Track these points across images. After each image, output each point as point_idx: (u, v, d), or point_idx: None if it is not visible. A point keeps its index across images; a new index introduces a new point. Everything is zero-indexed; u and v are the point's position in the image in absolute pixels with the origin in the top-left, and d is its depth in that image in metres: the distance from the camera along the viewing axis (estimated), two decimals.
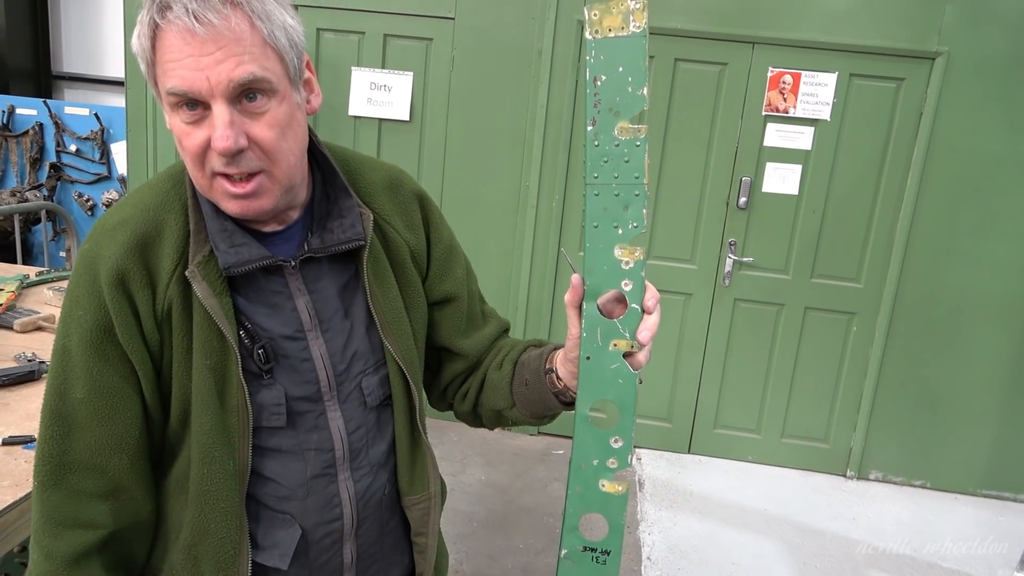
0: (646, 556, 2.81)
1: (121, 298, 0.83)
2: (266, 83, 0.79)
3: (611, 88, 0.80)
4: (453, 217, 4.01)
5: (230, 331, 0.84)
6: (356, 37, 3.50)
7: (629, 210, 0.82)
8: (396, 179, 1.02)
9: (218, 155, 0.78)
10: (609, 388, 0.85)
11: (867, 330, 3.45)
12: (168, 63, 0.77)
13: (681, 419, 3.67)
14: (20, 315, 2.00)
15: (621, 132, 0.81)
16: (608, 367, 0.84)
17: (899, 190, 3.31)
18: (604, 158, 0.81)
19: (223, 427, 0.86)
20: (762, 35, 3.25)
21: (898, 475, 3.56)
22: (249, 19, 0.77)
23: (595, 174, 0.82)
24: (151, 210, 0.86)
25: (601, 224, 0.82)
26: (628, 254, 0.82)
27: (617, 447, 0.86)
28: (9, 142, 4.53)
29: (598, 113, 0.81)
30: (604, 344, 0.84)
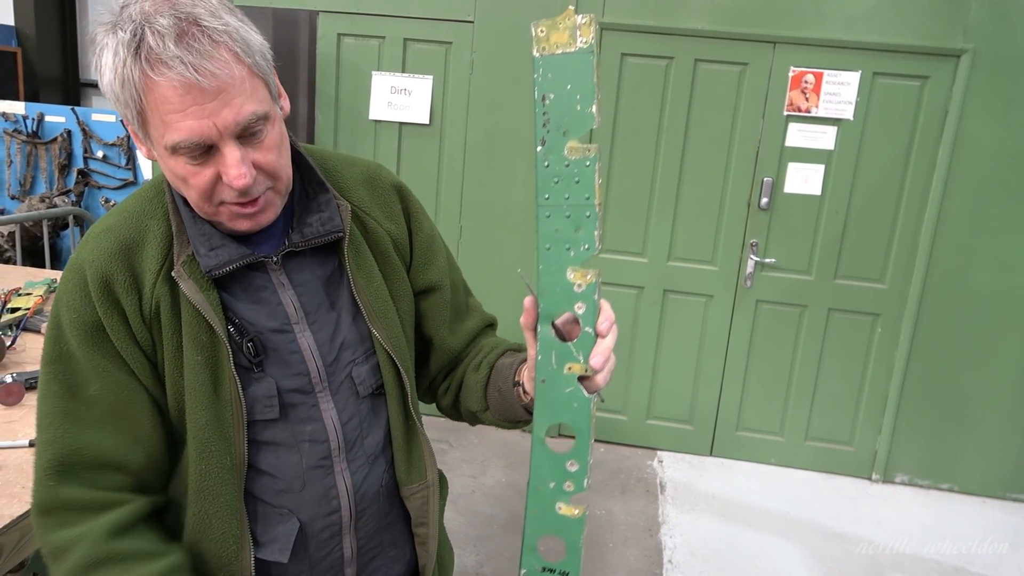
0: (667, 559, 2.80)
1: (108, 302, 0.84)
2: (263, 116, 0.82)
3: (560, 106, 0.78)
4: (472, 220, 4.05)
5: (219, 325, 0.85)
6: (376, 42, 3.53)
7: (580, 232, 0.80)
8: (374, 173, 1.04)
9: (231, 190, 0.82)
10: (564, 411, 0.83)
11: (892, 331, 3.41)
12: (168, 115, 0.77)
13: (702, 421, 3.65)
14: (47, 319, 2.04)
15: (571, 152, 0.79)
16: (563, 390, 0.83)
17: (924, 190, 3.27)
18: (554, 178, 0.79)
19: (218, 421, 0.87)
20: (783, 34, 3.22)
21: (924, 478, 3.50)
22: (235, 55, 0.79)
23: (545, 195, 0.80)
24: (134, 217, 0.88)
25: (553, 246, 0.80)
26: (580, 276, 0.81)
27: (573, 471, 0.85)
28: (39, 149, 4.62)
29: (547, 133, 0.79)
30: (559, 367, 0.82)
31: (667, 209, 3.46)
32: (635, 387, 3.66)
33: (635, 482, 3.37)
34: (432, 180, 3.62)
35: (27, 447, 1.38)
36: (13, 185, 4.63)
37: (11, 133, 4.58)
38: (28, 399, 1.58)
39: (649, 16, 3.29)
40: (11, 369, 1.72)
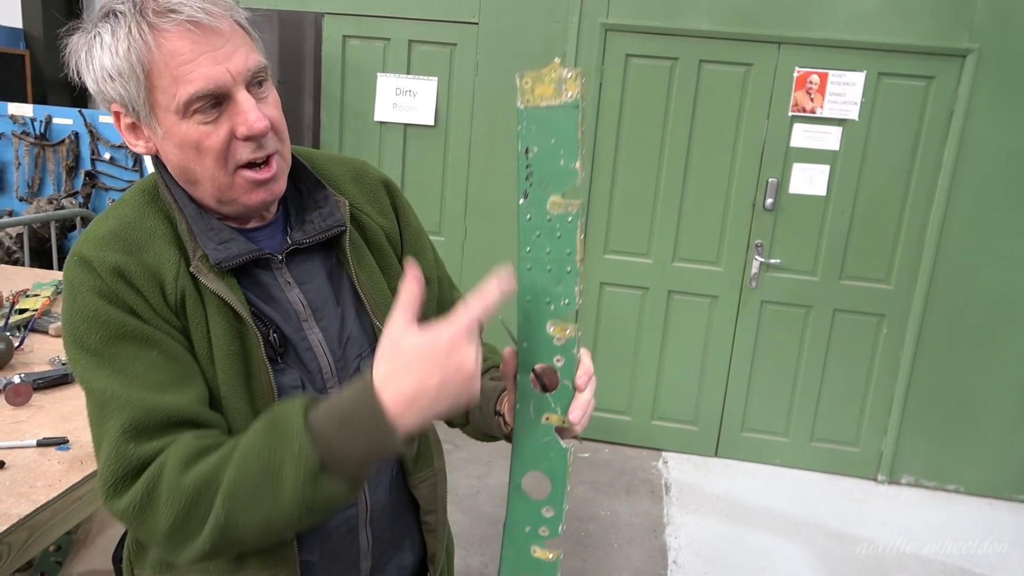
0: (672, 560, 2.80)
1: (128, 289, 0.82)
2: (266, 69, 0.85)
3: (543, 160, 0.77)
4: (477, 220, 4.05)
5: (246, 313, 0.85)
6: (382, 43, 3.54)
7: (561, 286, 0.79)
8: (360, 169, 1.05)
9: (246, 142, 0.82)
10: (541, 460, 0.84)
11: (897, 332, 3.40)
12: (180, 68, 0.78)
13: (707, 422, 3.64)
14: (54, 320, 2.05)
15: (553, 207, 0.78)
16: (540, 440, 0.83)
17: (930, 190, 3.26)
18: (536, 232, 0.79)
19: (253, 410, 0.86)
20: (788, 35, 3.22)
21: (930, 479, 3.49)
22: (227, 15, 0.83)
23: (527, 248, 0.79)
24: (135, 219, 0.87)
25: (533, 298, 0.80)
26: (560, 330, 0.80)
27: (548, 516, 0.85)
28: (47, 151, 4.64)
29: (530, 186, 0.78)
30: (536, 417, 0.83)
31: (672, 210, 3.46)
32: (640, 388, 3.66)
33: (640, 483, 3.37)
34: (437, 181, 3.63)
35: (35, 447, 1.39)
36: (21, 187, 4.66)
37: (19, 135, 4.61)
38: (36, 399, 1.59)
39: (653, 17, 3.29)
40: (19, 369, 1.73)
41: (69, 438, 1.42)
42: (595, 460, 3.56)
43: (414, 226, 1.07)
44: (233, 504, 0.74)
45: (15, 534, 1.16)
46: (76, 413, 1.55)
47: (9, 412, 1.53)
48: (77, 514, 1.32)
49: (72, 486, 1.28)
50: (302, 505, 0.73)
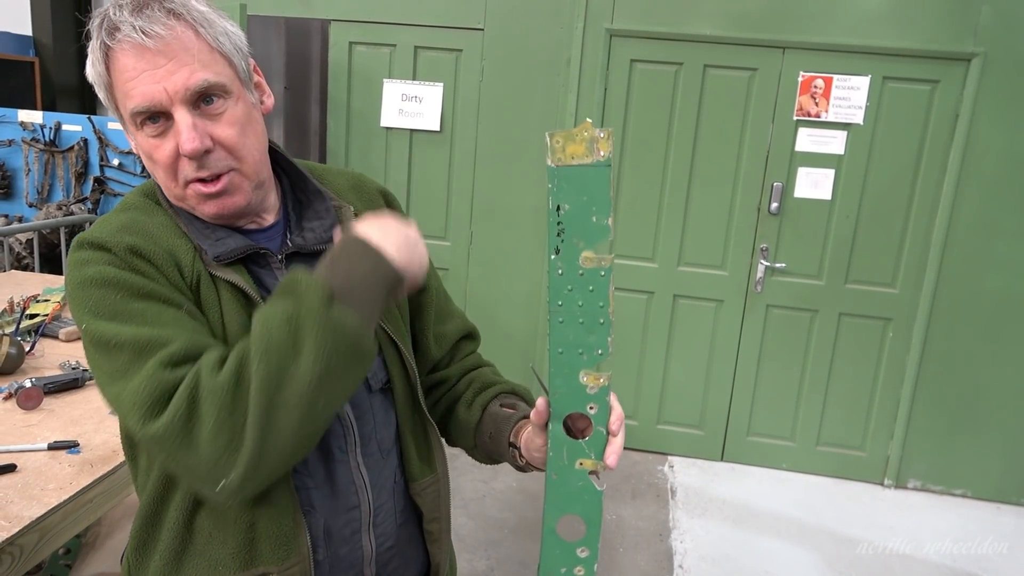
0: (678, 564, 2.80)
1: (145, 264, 0.83)
2: (220, 86, 0.84)
3: (575, 217, 0.79)
4: (483, 226, 4.06)
5: (259, 298, 0.87)
6: (388, 50, 3.56)
7: (594, 337, 0.82)
8: (359, 180, 1.09)
9: (187, 160, 0.83)
10: (575, 503, 0.86)
11: (903, 336, 3.39)
12: (126, 84, 0.82)
13: (713, 426, 3.64)
14: (65, 325, 2.08)
15: (585, 262, 0.80)
16: (575, 484, 0.86)
17: (935, 194, 3.26)
18: (568, 286, 0.80)
19: None
20: (793, 39, 3.22)
21: (937, 484, 3.48)
22: (193, 28, 0.83)
23: (559, 302, 0.81)
24: (142, 215, 0.89)
25: (566, 350, 0.82)
26: (593, 380, 0.83)
27: (584, 556, 0.88)
28: (56, 157, 4.68)
29: (561, 242, 0.79)
30: (570, 463, 0.85)
31: (677, 214, 3.47)
32: (646, 392, 3.67)
33: (646, 487, 3.38)
34: (443, 186, 3.65)
35: (45, 450, 1.41)
36: (31, 193, 4.69)
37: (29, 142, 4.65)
38: (46, 403, 1.61)
39: (658, 22, 3.30)
40: (30, 374, 1.75)
41: (79, 442, 1.44)
42: None
43: None
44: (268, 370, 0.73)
45: (26, 536, 1.18)
46: (86, 417, 1.56)
47: (20, 416, 1.55)
48: (87, 517, 1.33)
49: (82, 489, 1.29)
50: (323, 341, 0.74)
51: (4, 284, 2.59)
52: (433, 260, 3.12)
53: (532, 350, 3.67)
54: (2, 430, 1.48)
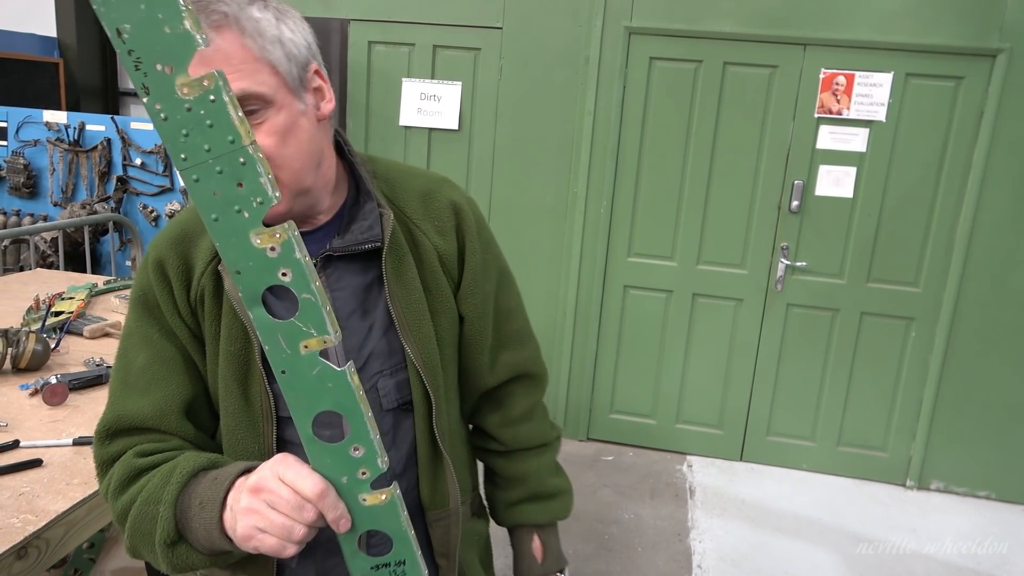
0: (696, 564, 2.79)
1: (161, 281, 0.93)
2: (259, 96, 0.81)
3: (143, 37, 0.60)
4: (501, 224, 4.06)
5: (249, 321, 0.88)
6: (407, 49, 3.57)
7: (245, 185, 0.65)
8: (433, 187, 1.03)
9: None
10: (322, 396, 0.72)
11: (927, 335, 3.35)
12: None
13: (732, 426, 3.62)
14: (89, 322, 2.10)
15: (184, 91, 0.62)
16: (310, 374, 0.71)
17: (959, 191, 3.22)
18: (182, 131, 0.63)
19: (247, 412, 0.92)
20: (814, 36, 3.20)
21: (961, 485, 3.44)
22: (238, 38, 0.81)
23: (182, 155, 0.64)
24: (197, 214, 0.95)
25: (220, 214, 0.66)
26: (269, 239, 0.66)
27: (360, 455, 0.74)
28: (80, 157, 4.74)
29: (145, 76, 0.61)
30: (293, 350, 0.70)
31: (696, 213, 3.45)
32: (664, 391, 3.65)
33: (664, 486, 3.36)
34: (461, 185, 3.64)
35: (71, 445, 1.43)
36: (56, 192, 4.76)
37: (54, 142, 4.72)
38: (72, 399, 1.63)
39: (677, 20, 3.28)
40: (55, 370, 1.78)
41: None
42: (619, 463, 3.55)
43: (479, 256, 1.02)
44: (134, 538, 0.87)
45: (52, 530, 1.20)
46: None
47: (46, 412, 1.58)
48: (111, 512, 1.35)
49: None
50: (165, 560, 0.84)
51: (30, 282, 2.62)
52: None
53: (551, 348, 3.67)
54: (28, 425, 1.51)
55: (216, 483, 0.81)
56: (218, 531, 0.78)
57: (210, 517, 0.78)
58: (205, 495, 0.80)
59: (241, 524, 0.74)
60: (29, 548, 1.15)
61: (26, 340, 1.76)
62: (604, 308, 3.62)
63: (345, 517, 0.74)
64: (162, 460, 0.89)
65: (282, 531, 0.72)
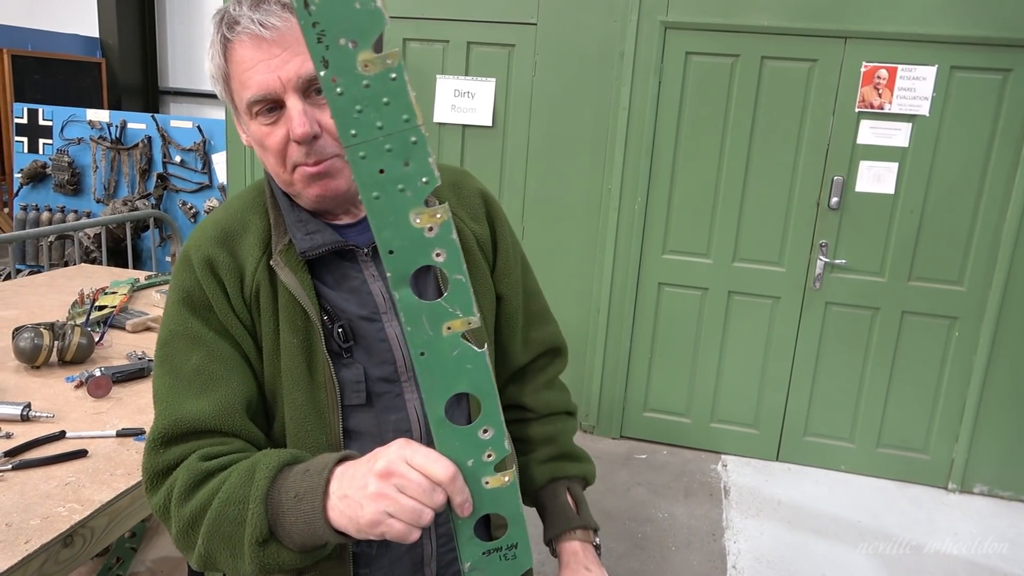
0: (731, 565, 2.75)
1: (212, 280, 0.92)
2: None
3: (332, 10, 0.59)
4: (535, 220, 4.05)
5: (313, 310, 0.90)
6: (441, 46, 3.58)
7: (411, 164, 0.64)
8: (460, 178, 1.10)
9: (297, 145, 0.87)
10: (459, 378, 0.71)
11: (970, 335, 3.27)
12: (244, 74, 0.87)
13: (769, 426, 3.57)
14: (131, 316, 2.14)
15: (366, 67, 0.60)
16: (449, 355, 0.70)
17: (1006, 187, 3.13)
18: (356, 107, 0.62)
19: (314, 402, 0.91)
20: (855, 29, 3.13)
21: (1006, 489, 3.35)
22: None
23: (352, 131, 0.62)
24: (237, 212, 0.97)
25: (383, 192, 0.65)
26: (429, 218, 0.66)
27: (488, 437, 0.74)
28: (121, 155, 4.84)
29: (326, 49, 0.60)
30: (436, 331, 0.69)
31: (732, 209, 3.41)
32: (699, 390, 3.62)
33: (698, 486, 3.33)
34: (495, 181, 3.65)
35: (114, 437, 1.46)
36: (98, 189, 4.87)
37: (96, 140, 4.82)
38: (115, 392, 1.67)
39: (714, 14, 3.24)
40: (99, 363, 1.82)
41: (146, 429, 1.48)
42: (653, 462, 3.53)
43: (508, 241, 1.10)
44: (211, 543, 0.82)
45: (97, 519, 1.22)
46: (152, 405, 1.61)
47: (91, 404, 1.61)
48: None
49: None
50: (254, 562, 0.80)
51: (74, 277, 2.68)
52: None
53: (584, 345, 3.65)
54: (74, 417, 1.54)
55: (310, 475, 0.79)
56: (322, 521, 0.76)
57: (311, 508, 0.76)
58: (300, 487, 0.78)
59: (370, 510, 0.72)
60: (75, 536, 1.18)
61: (71, 334, 1.80)
62: (638, 305, 3.59)
63: (469, 501, 0.74)
64: (230, 462, 0.85)
65: (412, 515, 0.72)
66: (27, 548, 1.10)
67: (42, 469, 1.32)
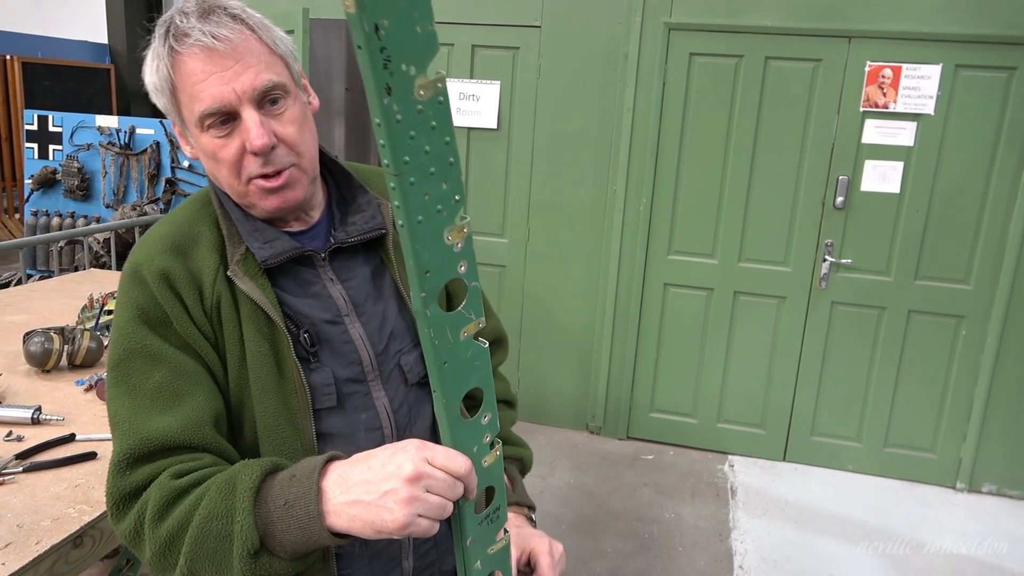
0: (738, 565, 2.76)
1: (170, 294, 0.89)
2: (281, 86, 0.89)
3: (399, 35, 0.57)
4: (541, 222, 4.05)
5: (278, 316, 0.90)
6: (445, 49, 3.60)
7: (448, 183, 0.65)
8: None
9: (254, 156, 0.88)
10: (472, 376, 0.75)
11: (977, 334, 3.26)
12: (195, 87, 0.86)
13: (775, 426, 3.57)
14: None
15: (422, 91, 0.60)
16: (465, 357, 0.73)
17: (1012, 186, 3.12)
18: (410, 132, 0.60)
19: (286, 408, 0.90)
20: (859, 28, 3.13)
21: (1014, 488, 3.34)
22: (254, 31, 0.88)
23: (405, 157, 0.61)
24: (184, 225, 0.95)
25: (425, 215, 0.64)
26: (457, 234, 0.67)
27: (487, 422, 0.78)
28: (130, 160, 4.88)
29: (391, 76, 0.57)
30: (455, 338, 0.72)
31: (737, 209, 3.41)
32: (705, 390, 3.62)
33: (705, 486, 3.33)
34: (500, 183, 3.67)
35: None
36: (108, 194, 4.91)
37: (106, 146, 4.86)
38: None
39: (717, 15, 3.25)
40: None
41: None
42: (659, 462, 3.53)
43: None
44: (194, 561, 0.80)
45: (106, 521, 1.24)
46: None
47: (100, 407, 1.63)
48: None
49: None
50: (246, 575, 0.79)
51: (84, 282, 2.71)
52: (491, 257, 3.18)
53: (589, 345, 3.66)
54: (84, 420, 1.56)
55: (298, 480, 0.79)
56: (319, 526, 0.77)
57: (305, 514, 0.77)
58: (290, 494, 0.78)
59: (401, 514, 0.74)
60: (84, 537, 1.20)
61: (81, 338, 1.82)
62: (644, 306, 3.60)
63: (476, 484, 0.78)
64: (204, 477, 0.83)
65: (438, 511, 0.75)
66: (38, 549, 1.12)
67: (52, 471, 1.34)
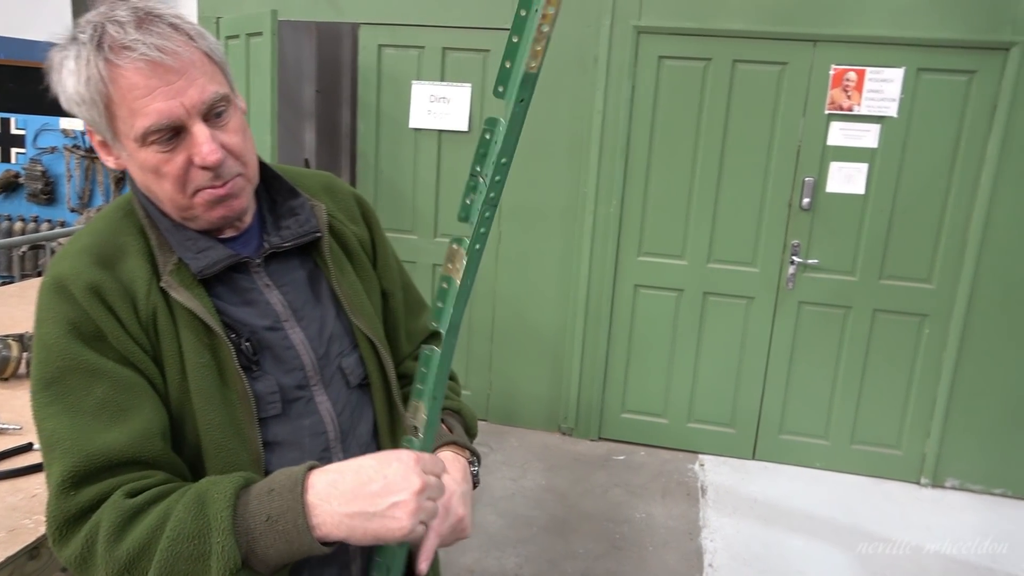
0: (708, 563, 2.78)
1: (100, 307, 0.84)
2: (225, 98, 0.86)
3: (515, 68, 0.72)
4: (512, 224, 4.07)
5: (218, 326, 0.87)
6: (416, 52, 3.59)
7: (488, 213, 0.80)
8: (331, 182, 1.11)
9: (203, 170, 0.85)
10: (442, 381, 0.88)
11: (940, 332, 3.33)
12: (136, 102, 0.81)
13: (744, 425, 3.61)
14: None
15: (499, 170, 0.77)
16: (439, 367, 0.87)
17: (972, 187, 3.19)
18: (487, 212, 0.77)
19: (231, 420, 0.88)
20: (824, 32, 3.18)
21: (976, 483, 3.41)
22: (192, 41, 0.84)
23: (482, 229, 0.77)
24: (108, 235, 0.90)
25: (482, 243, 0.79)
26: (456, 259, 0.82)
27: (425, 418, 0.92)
28: (96, 164, 4.80)
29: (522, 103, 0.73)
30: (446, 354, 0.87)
31: (706, 211, 3.44)
32: (675, 390, 3.65)
33: (676, 485, 3.36)
34: None
35: None
36: (72, 198, 4.83)
37: (71, 149, 4.78)
38: None
39: (686, 18, 3.28)
40: None
41: None
42: (631, 463, 3.55)
43: (384, 237, 1.13)
44: None
45: None
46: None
47: None
48: None
49: None
50: None
51: None
52: None
53: (561, 347, 3.68)
54: None
55: (278, 494, 0.78)
56: (309, 538, 0.77)
57: (292, 527, 0.76)
58: (272, 509, 0.77)
59: (408, 523, 0.78)
60: (41, 548, 1.18)
61: None
62: (615, 307, 3.62)
63: None
64: (160, 495, 0.80)
65: (433, 515, 0.82)
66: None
67: (9, 481, 1.32)
